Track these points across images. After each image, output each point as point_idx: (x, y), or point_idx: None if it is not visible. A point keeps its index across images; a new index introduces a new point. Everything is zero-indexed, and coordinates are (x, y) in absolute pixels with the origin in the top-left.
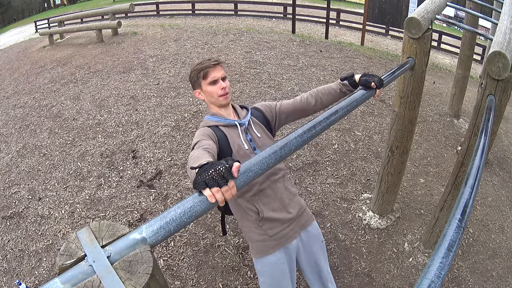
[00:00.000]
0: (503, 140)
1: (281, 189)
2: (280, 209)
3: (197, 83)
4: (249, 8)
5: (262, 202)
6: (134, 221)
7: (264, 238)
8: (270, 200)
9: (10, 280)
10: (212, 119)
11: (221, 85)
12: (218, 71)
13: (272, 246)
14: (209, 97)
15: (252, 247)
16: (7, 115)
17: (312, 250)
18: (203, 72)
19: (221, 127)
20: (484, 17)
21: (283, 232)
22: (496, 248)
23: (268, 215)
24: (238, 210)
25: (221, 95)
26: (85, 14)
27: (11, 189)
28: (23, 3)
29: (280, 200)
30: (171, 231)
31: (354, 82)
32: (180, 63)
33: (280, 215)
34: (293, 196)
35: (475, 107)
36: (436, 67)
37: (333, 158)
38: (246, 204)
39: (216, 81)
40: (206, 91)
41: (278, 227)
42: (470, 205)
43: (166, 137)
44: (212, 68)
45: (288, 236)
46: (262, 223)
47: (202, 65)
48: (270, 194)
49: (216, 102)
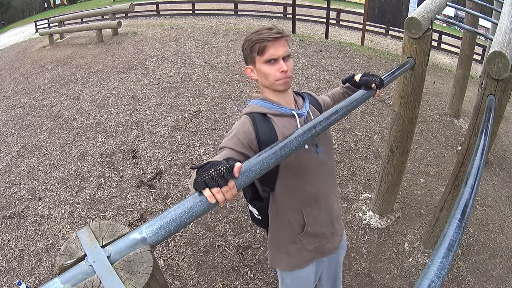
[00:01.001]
0: (503, 140)
1: (333, 201)
2: (327, 224)
3: (250, 58)
4: (249, 8)
5: (312, 214)
6: (134, 221)
7: (301, 252)
8: (321, 214)
9: (10, 280)
10: (262, 104)
11: (281, 66)
12: (280, 47)
13: (307, 260)
14: (263, 79)
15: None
16: (7, 115)
17: (338, 260)
18: (259, 46)
19: (270, 116)
20: (484, 17)
21: (325, 246)
22: (496, 248)
23: (314, 230)
24: (277, 219)
25: (279, 79)
26: (85, 14)
27: (11, 189)
28: (23, 3)
29: (330, 213)
30: (171, 231)
31: (355, 82)
32: (180, 63)
33: (326, 230)
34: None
35: (475, 107)
36: (436, 67)
37: (333, 158)
38: (292, 214)
39: (275, 60)
40: (260, 70)
41: (318, 242)
42: (470, 205)
43: (166, 137)
44: (272, 42)
45: (328, 250)
46: (303, 237)
47: (260, 36)
48: (323, 206)
49: (272, 86)
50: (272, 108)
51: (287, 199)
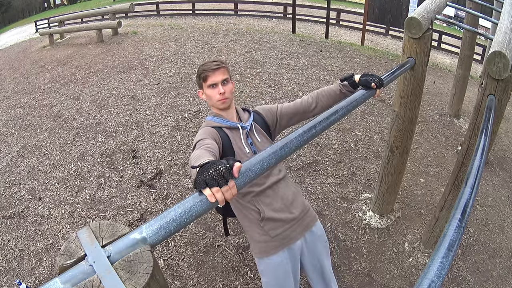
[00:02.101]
0: (503, 140)
1: (283, 189)
2: (282, 210)
3: (199, 84)
4: (249, 8)
5: (263, 202)
6: (134, 221)
7: (266, 238)
8: (272, 201)
9: (10, 280)
10: (215, 120)
11: (219, 90)
12: (218, 75)
13: (274, 247)
14: (209, 100)
15: (254, 247)
16: (7, 115)
17: (316, 251)
18: (203, 75)
19: (224, 129)
20: (484, 17)
21: (286, 233)
22: (496, 248)
23: (270, 215)
24: (239, 211)
25: (219, 100)
26: (85, 14)
27: (11, 189)
28: (23, 3)
29: (282, 200)
30: (171, 231)
31: (354, 82)
32: (180, 63)
33: (282, 215)
34: (296, 196)
35: (475, 107)
36: (436, 67)
37: (333, 158)
38: (247, 205)
39: (215, 85)
40: (206, 93)
41: (280, 228)
42: (470, 205)
43: (166, 137)
44: (212, 72)
45: (291, 237)
46: (264, 224)
47: (204, 67)
48: (271, 194)
49: (215, 105)
50: (223, 123)
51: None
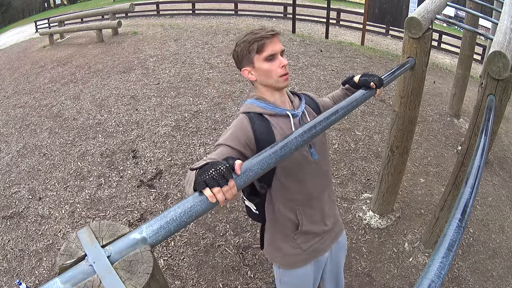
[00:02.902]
0: (503, 140)
1: (325, 199)
2: (319, 222)
3: (248, 59)
4: (250, 8)
5: (306, 213)
6: (134, 221)
7: (297, 251)
8: (314, 213)
9: (11, 280)
10: (258, 104)
11: (282, 62)
12: (277, 43)
13: (303, 260)
14: (265, 77)
15: (281, 259)
16: (7, 115)
17: (338, 261)
18: (257, 44)
19: (266, 116)
20: (485, 16)
21: (317, 245)
22: (496, 248)
23: (308, 228)
24: (273, 217)
25: (282, 74)
26: (85, 14)
27: (11, 189)
28: (23, 3)
29: (321, 212)
30: (171, 231)
31: (355, 83)
32: (180, 62)
33: (318, 228)
34: (334, 206)
35: (475, 107)
36: (436, 67)
37: (333, 158)
38: (286, 213)
39: (274, 56)
40: (260, 69)
41: (312, 240)
42: (470, 205)
43: (166, 137)
44: (270, 40)
45: (320, 249)
46: (298, 236)
47: (257, 35)
48: (316, 205)
49: (273, 84)
50: (268, 108)
51: (282, 197)
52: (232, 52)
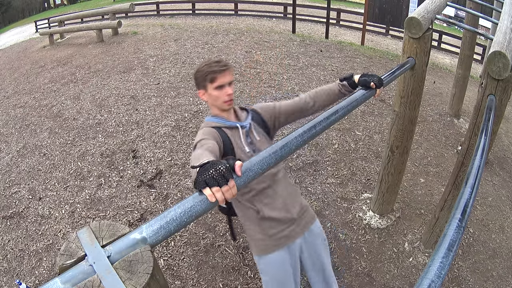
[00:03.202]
0: (503, 140)
1: (282, 189)
2: (281, 209)
3: (202, 85)
4: (249, 8)
5: (262, 202)
6: (135, 221)
7: (264, 237)
8: (271, 200)
9: (11, 280)
10: (214, 120)
11: (227, 91)
12: (226, 76)
13: (272, 246)
14: (213, 101)
15: (253, 245)
16: (8, 115)
17: (315, 250)
18: (210, 76)
19: (224, 129)
20: (485, 16)
21: (284, 232)
22: (496, 248)
23: (268, 214)
24: (239, 209)
25: (226, 101)
26: (85, 14)
27: (11, 189)
28: (23, 2)
29: (281, 200)
30: (171, 231)
31: (353, 82)
32: (180, 62)
33: (280, 215)
34: (294, 196)
35: (476, 107)
36: (436, 67)
37: (334, 158)
38: (247, 203)
39: (223, 86)
40: (211, 95)
41: (278, 227)
42: (471, 205)
43: (166, 136)
44: (221, 73)
45: (289, 236)
46: (262, 222)
47: (211, 68)
48: (271, 194)
49: (220, 106)
50: (222, 123)
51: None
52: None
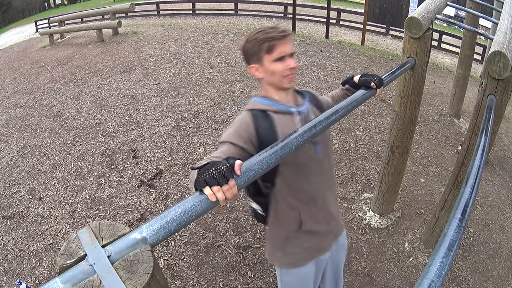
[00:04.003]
0: (504, 140)
1: (330, 198)
2: (323, 221)
3: (257, 57)
4: (250, 7)
5: (310, 212)
6: (135, 220)
7: (298, 250)
8: (318, 210)
9: (11, 280)
10: (263, 102)
11: (290, 63)
12: (287, 45)
13: (304, 259)
14: (271, 76)
15: (282, 258)
16: (8, 115)
17: (338, 261)
18: (268, 44)
19: (270, 113)
20: (485, 16)
21: (318, 245)
22: (496, 248)
23: (310, 228)
24: (276, 216)
25: (288, 75)
26: (86, 14)
27: (11, 188)
28: (23, 2)
29: (327, 211)
30: (171, 231)
31: (355, 83)
32: (180, 62)
33: (321, 227)
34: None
35: (476, 106)
36: (436, 67)
37: (334, 158)
38: (289, 211)
39: (283, 57)
40: (268, 69)
41: (314, 239)
42: (471, 204)
43: (166, 136)
44: (282, 40)
45: (322, 248)
46: (301, 235)
47: (268, 35)
48: (321, 204)
49: (278, 84)
50: (273, 106)
51: (286, 196)
52: (241, 47)
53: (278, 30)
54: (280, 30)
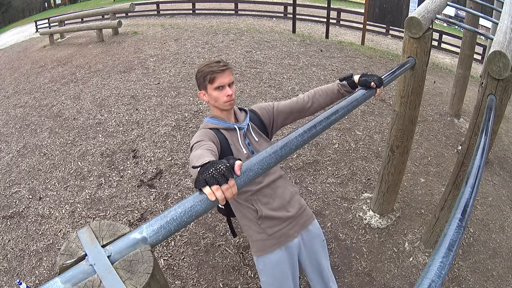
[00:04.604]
0: (504, 140)
1: (280, 188)
2: (279, 208)
3: (203, 85)
4: (250, 7)
5: (261, 201)
6: (135, 220)
7: (263, 236)
8: (269, 199)
9: (11, 280)
10: (212, 121)
11: (227, 91)
12: (226, 77)
13: (271, 245)
14: (213, 101)
15: (252, 246)
16: (8, 115)
17: (313, 249)
18: (210, 76)
19: (221, 130)
20: (485, 16)
21: (282, 231)
22: (496, 248)
23: (267, 213)
24: (237, 209)
25: (226, 101)
26: (86, 14)
27: (11, 188)
28: (23, 2)
29: (279, 199)
30: (171, 231)
31: (353, 82)
32: (180, 62)
33: (279, 213)
34: (292, 195)
35: (476, 106)
36: (436, 67)
37: (334, 158)
38: (245, 203)
39: (223, 87)
40: (211, 95)
41: (277, 226)
42: (471, 204)
43: (166, 136)
44: (220, 73)
45: (288, 235)
46: (261, 222)
47: (210, 69)
48: (269, 193)
49: (220, 107)
50: (219, 124)
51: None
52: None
53: (219, 64)
54: (221, 65)
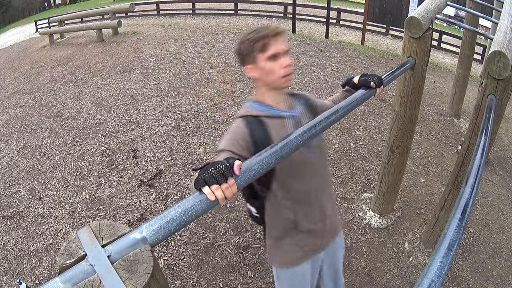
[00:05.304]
0: (504, 140)
1: (325, 198)
2: (318, 220)
3: (251, 56)
4: (250, 7)
5: (304, 212)
6: (135, 220)
7: (294, 249)
8: (312, 210)
9: (11, 280)
10: (256, 107)
11: (285, 61)
12: (281, 43)
13: (299, 257)
14: (267, 76)
15: (278, 257)
16: (8, 115)
17: (335, 259)
18: (261, 43)
19: (263, 118)
20: (485, 16)
21: (315, 244)
22: (496, 248)
23: (306, 227)
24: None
25: (284, 75)
26: (85, 14)
27: (11, 188)
28: (23, 2)
29: (321, 211)
30: (171, 231)
31: (354, 84)
32: (180, 62)
33: (316, 226)
34: (335, 206)
35: (476, 106)
36: (436, 67)
37: (334, 158)
38: (284, 212)
39: (277, 55)
40: (263, 68)
41: (310, 238)
42: (471, 204)
43: (166, 136)
44: (274, 38)
45: (317, 247)
46: (297, 234)
47: (260, 34)
48: (315, 204)
49: (275, 84)
50: (264, 111)
51: (281, 198)
52: (236, 49)
53: (270, 28)
54: (272, 28)
